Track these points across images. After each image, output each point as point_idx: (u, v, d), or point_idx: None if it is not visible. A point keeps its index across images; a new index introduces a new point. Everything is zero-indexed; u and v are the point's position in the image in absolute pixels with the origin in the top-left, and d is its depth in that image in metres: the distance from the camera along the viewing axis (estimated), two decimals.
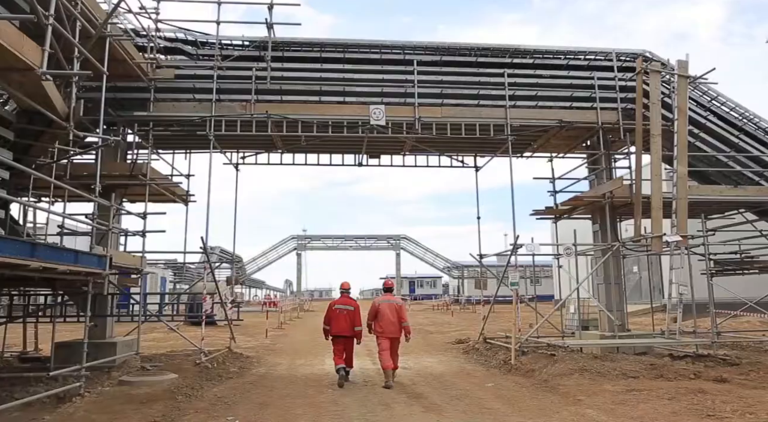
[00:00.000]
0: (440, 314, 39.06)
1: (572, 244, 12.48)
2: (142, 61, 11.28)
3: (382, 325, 9.85)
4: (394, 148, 15.19)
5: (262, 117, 12.32)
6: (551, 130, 13.53)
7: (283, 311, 29.17)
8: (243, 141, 14.62)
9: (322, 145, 14.83)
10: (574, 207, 14.20)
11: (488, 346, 14.17)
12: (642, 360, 10.95)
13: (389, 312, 9.88)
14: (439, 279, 75.62)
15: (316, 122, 12.54)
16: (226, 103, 12.52)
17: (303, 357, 14.22)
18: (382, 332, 9.85)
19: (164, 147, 14.93)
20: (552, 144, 14.87)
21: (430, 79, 13.24)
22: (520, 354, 11.79)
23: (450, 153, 15.39)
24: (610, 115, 13.27)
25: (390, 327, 9.85)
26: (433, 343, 17.56)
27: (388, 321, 9.83)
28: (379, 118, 12.37)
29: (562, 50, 13.99)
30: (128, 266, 10.65)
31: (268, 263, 59.87)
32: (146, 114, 12.13)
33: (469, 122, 12.96)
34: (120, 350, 11.89)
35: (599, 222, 13.99)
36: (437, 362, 13.24)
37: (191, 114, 12.31)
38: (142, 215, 11.58)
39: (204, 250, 11.13)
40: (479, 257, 15.20)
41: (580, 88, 13.53)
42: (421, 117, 12.66)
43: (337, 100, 12.89)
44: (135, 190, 12.88)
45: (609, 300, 13.48)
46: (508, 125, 12.90)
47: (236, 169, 14.96)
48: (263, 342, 18.30)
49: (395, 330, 9.90)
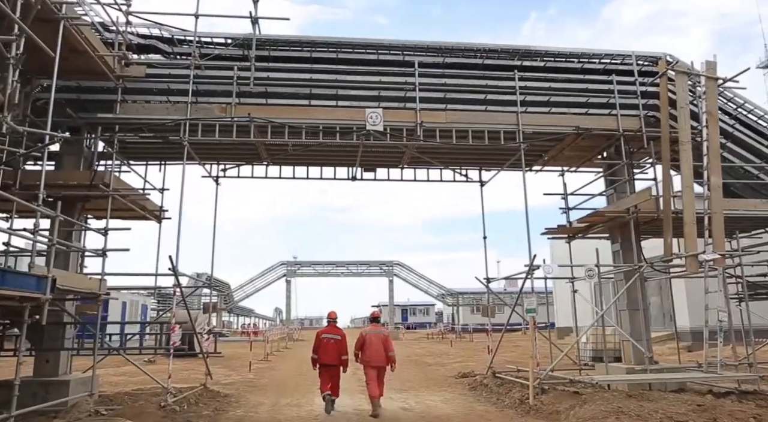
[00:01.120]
0: (436, 343, 37.19)
1: (594, 265, 11.02)
2: (107, 54, 9.86)
3: (370, 355, 9.92)
4: (391, 159, 13.79)
5: (244, 120, 10.91)
6: (566, 138, 12.21)
7: (270, 341, 27.24)
8: (223, 151, 13.18)
9: (312, 156, 13.41)
10: (592, 224, 12.80)
11: (498, 382, 12.53)
12: (684, 399, 9.39)
13: (376, 342, 9.98)
14: (432, 306, 73.83)
15: (305, 127, 11.13)
16: (203, 105, 11.11)
17: (289, 395, 12.50)
18: (368, 362, 9.92)
19: (136, 158, 13.44)
20: (564, 156, 13.55)
21: (432, 83, 11.95)
22: (540, 392, 10.20)
23: (453, 166, 14.01)
24: (632, 122, 12.00)
25: (377, 358, 9.91)
26: (434, 377, 15.87)
27: (376, 352, 9.91)
28: (377, 122, 11.00)
29: (575, 52, 12.79)
30: (81, 290, 9.04)
31: (256, 290, 57.71)
32: (111, 116, 10.67)
33: (477, 128, 11.61)
34: (74, 389, 10.17)
35: (620, 240, 12.58)
36: (442, 401, 11.59)
37: (163, 117, 10.86)
38: (102, 231, 10.00)
39: (173, 271, 9.54)
40: (486, 281, 13.69)
41: (597, 92, 12.30)
42: (423, 122, 11.30)
43: (329, 104, 11.53)
44: (102, 205, 11.36)
45: (633, 329, 11.97)
46: (521, 132, 11.57)
47: (216, 183, 13.47)
48: (246, 376, 16.50)
49: (382, 360, 9.96)
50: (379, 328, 10.44)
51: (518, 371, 13.52)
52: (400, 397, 12.06)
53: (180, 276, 9.86)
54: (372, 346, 9.91)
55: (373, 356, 9.87)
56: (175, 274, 9.62)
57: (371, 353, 9.88)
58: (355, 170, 13.90)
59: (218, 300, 57.47)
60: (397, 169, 14.14)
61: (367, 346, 9.95)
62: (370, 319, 10.94)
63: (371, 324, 10.64)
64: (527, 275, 10.59)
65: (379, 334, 10.12)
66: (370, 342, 9.96)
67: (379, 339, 10.01)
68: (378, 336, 10.04)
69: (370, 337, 10.01)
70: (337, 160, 13.73)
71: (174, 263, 9.49)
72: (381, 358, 9.91)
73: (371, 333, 10.11)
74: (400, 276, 56.37)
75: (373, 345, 9.92)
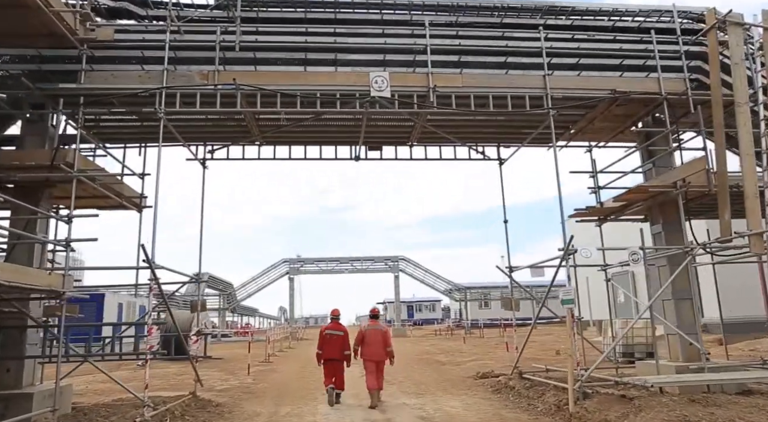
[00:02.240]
0: (445, 340, 35.67)
1: (639, 248, 9.49)
2: (65, 10, 8.37)
3: (369, 350, 10.37)
4: (399, 135, 12.29)
5: (230, 88, 9.40)
6: (599, 105, 10.67)
7: (272, 341, 25.80)
8: (210, 130, 11.73)
9: (310, 133, 11.95)
10: (629, 203, 11.26)
11: (526, 384, 11.05)
12: (758, 403, 7.88)
13: (376, 337, 10.46)
14: (438, 302, 72.34)
15: (300, 94, 9.61)
16: (182, 72, 9.62)
17: (290, 403, 11.04)
18: (368, 356, 10.37)
19: (113, 141, 12.00)
20: (594, 128, 12.02)
21: (445, 45, 10.42)
22: (581, 396, 8.71)
23: (469, 142, 12.49)
24: (675, 84, 10.46)
25: (376, 352, 10.36)
26: (450, 378, 14.38)
27: (375, 347, 10.38)
28: (383, 88, 9.49)
29: (606, 9, 11.28)
30: (38, 287, 7.57)
31: (259, 289, 56.19)
32: (75, 86, 9.18)
33: (499, 93, 10.09)
34: (40, 403, 8.78)
35: (661, 221, 11.05)
36: (463, 406, 10.10)
37: (136, 86, 9.37)
38: (65, 218, 8.54)
39: (148, 263, 8.06)
40: (509, 270, 12.17)
41: (632, 53, 10.77)
42: (436, 86, 9.77)
43: (328, 70, 10.03)
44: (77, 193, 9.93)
45: (681, 321, 10.45)
46: (549, 96, 10.04)
47: (203, 166, 11.98)
48: (244, 380, 15.05)
49: (381, 354, 10.42)
50: (378, 324, 10.87)
51: (547, 371, 12.04)
52: (416, 403, 10.59)
53: (158, 269, 8.37)
54: (371, 341, 10.38)
55: (373, 351, 10.33)
56: (151, 267, 8.13)
57: (371, 348, 10.35)
58: (358, 149, 12.40)
59: (221, 299, 56.22)
60: (405, 147, 12.62)
61: (366, 341, 10.41)
62: (370, 316, 11.22)
63: (370, 320, 10.97)
64: (563, 259, 9.08)
65: (378, 330, 10.62)
66: (370, 338, 10.42)
67: (379, 334, 10.52)
68: (377, 332, 10.54)
69: (370, 333, 10.48)
70: (338, 137, 12.22)
71: (148, 253, 8.00)
72: (380, 353, 10.37)
73: (370, 328, 10.57)
74: (405, 271, 54.78)
75: (373, 341, 10.39)
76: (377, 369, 10.35)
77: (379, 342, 10.41)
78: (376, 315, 11.13)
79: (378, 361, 10.38)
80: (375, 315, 11.13)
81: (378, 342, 10.41)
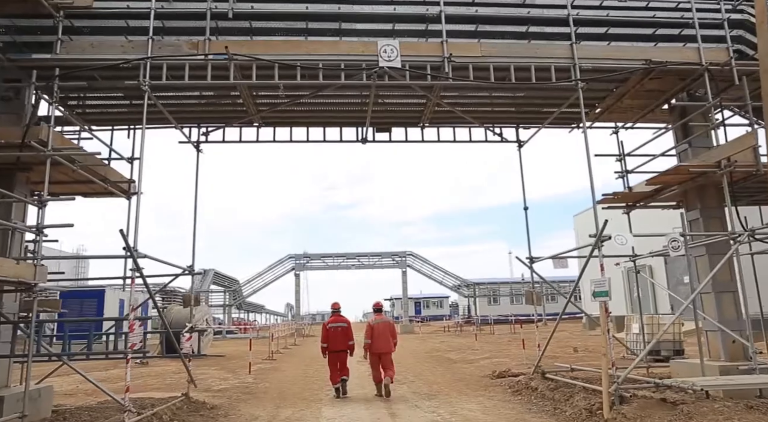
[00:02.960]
0: (455, 337, 34.70)
1: (681, 234, 8.47)
2: None
3: (378, 343, 10.78)
4: (409, 115, 11.31)
5: (221, 59, 8.46)
6: (631, 78, 9.65)
7: (276, 338, 24.94)
8: (203, 110, 10.80)
9: (312, 113, 11.01)
10: (664, 186, 10.23)
11: (550, 385, 10.08)
12: None
13: (383, 331, 10.89)
14: (446, 299, 71.39)
15: (300, 64, 8.64)
16: (169, 42, 8.68)
17: (291, 405, 10.14)
18: (375, 349, 10.75)
19: (101, 123, 11.13)
20: (623, 106, 11.00)
21: (460, 14, 9.41)
22: (617, 400, 7.74)
23: (486, 123, 11.49)
24: (717, 54, 9.43)
25: (384, 345, 10.80)
26: (464, 377, 13.42)
27: (383, 340, 10.81)
28: (392, 57, 8.52)
29: None
30: (2, 277, 6.67)
31: (265, 285, 55.38)
32: (50, 57, 8.26)
33: (521, 63, 9.07)
34: (12, 407, 7.88)
35: (699, 207, 10.04)
36: (481, 410, 9.15)
37: (117, 56, 8.44)
38: (36, 202, 7.64)
39: (128, 251, 7.14)
40: (529, 261, 11.19)
41: (668, 21, 9.74)
42: (452, 55, 8.78)
43: (331, 40, 9.07)
44: (58, 178, 9.06)
45: (722, 316, 9.45)
46: (577, 67, 9.03)
47: (197, 149, 11.04)
48: (244, 380, 14.17)
49: (388, 346, 10.85)
50: (383, 317, 11.32)
51: (572, 370, 11.07)
52: (429, 405, 9.65)
53: (140, 258, 7.45)
54: (380, 335, 10.81)
55: (381, 344, 10.76)
56: (132, 256, 7.21)
57: (379, 341, 10.76)
58: (365, 131, 11.42)
59: (227, 296, 55.53)
60: (416, 129, 11.64)
61: (375, 335, 10.79)
62: (374, 310, 11.62)
63: (375, 314, 11.42)
64: (594, 246, 8.08)
65: (385, 323, 11.11)
66: (378, 332, 10.82)
67: (386, 327, 10.98)
68: (385, 325, 11.01)
69: (378, 327, 10.88)
70: (343, 117, 11.25)
71: (128, 240, 7.08)
72: (387, 345, 10.82)
73: (378, 322, 11.00)
74: (413, 267, 53.75)
75: (381, 334, 10.82)
76: (385, 361, 10.74)
77: (386, 335, 10.86)
78: (380, 308, 11.58)
79: (384, 353, 10.77)
80: (379, 308, 11.57)
81: (385, 335, 10.85)
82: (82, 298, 28.38)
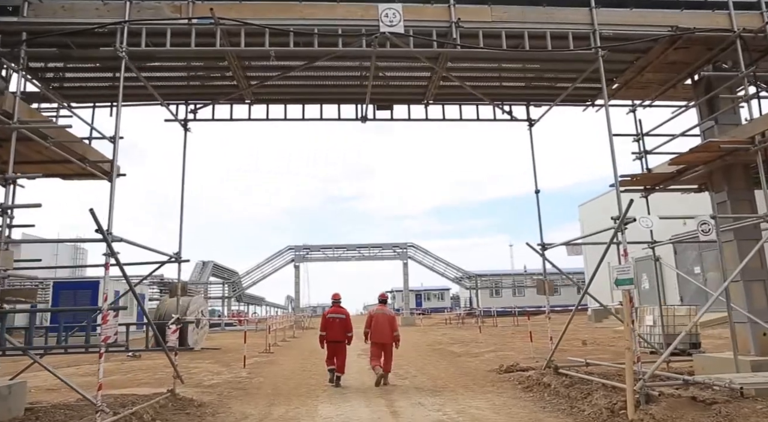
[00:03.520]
0: (457, 329, 34.02)
1: (711, 216, 7.71)
2: None
3: (377, 333, 10.85)
4: (412, 91, 10.53)
5: (207, 23, 7.67)
6: (655, 48, 8.85)
7: (273, 330, 24.25)
8: (191, 86, 10.02)
9: (308, 88, 10.22)
10: (688, 166, 9.45)
11: (565, 381, 9.35)
12: None
13: (383, 321, 10.93)
14: (447, 291, 70.82)
15: (293, 30, 7.85)
16: (150, 4, 7.88)
17: (285, 402, 9.43)
18: (375, 339, 10.85)
19: (81, 99, 10.39)
20: (643, 80, 10.21)
21: None
22: (643, 399, 7.01)
23: (495, 100, 10.69)
24: (750, 20, 8.63)
25: (383, 336, 10.83)
26: (469, 372, 12.69)
27: (382, 330, 10.85)
28: (394, 22, 7.74)
29: None
30: None
31: (264, 276, 54.65)
32: (15, 20, 7.48)
33: (535, 30, 8.29)
34: None
35: (726, 189, 9.27)
36: (491, 408, 8.43)
37: (92, 20, 7.66)
38: (1, 180, 6.89)
39: (101, 233, 6.39)
40: (541, 248, 10.43)
41: None
42: (460, 20, 7.98)
43: (328, 3, 8.27)
44: (28, 155, 8.33)
45: (752, 307, 8.71)
46: (597, 33, 8.24)
47: (184, 128, 10.27)
48: (238, 374, 13.46)
49: (388, 337, 10.87)
50: (385, 309, 11.32)
51: (587, 365, 10.35)
52: (434, 403, 8.94)
53: (116, 243, 6.70)
54: (379, 325, 10.86)
55: (380, 334, 10.81)
56: (105, 239, 6.46)
57: (378, 331, 10.83)
58: (365, 108, 10.63)
59: (225, 287, 54.89)
60: (420, 107, 10.86)
61: (374, 325, 10.90)
62: (379, 300, 11.60)
63: (378, 305, 11.44)
64: (618, 229, 7.32)
65: (386, 314, 11.09)
66: (377, 322, 10.91)
67: (386, 319, 10.98)
68: (385, 316, 11.01)
69: (378, 317, 10.97)
70: (342, 93, 10.46)
71: (100, 222, 6.33)
72: (387, 336, 10.84)
73: (378, 312, 11.06)
74: (415, 258, 53.05)
75: (380, 325, 10.86)
76: (383, 351, 10.80)
77: (385, 326, 10.87)
78: (384, 300, 11.55)
79: (383, 344, 10.82)
80: (383, 300, 11.54)
81: (384, 326, 10.86)
82: (76, 289, 27.70)
